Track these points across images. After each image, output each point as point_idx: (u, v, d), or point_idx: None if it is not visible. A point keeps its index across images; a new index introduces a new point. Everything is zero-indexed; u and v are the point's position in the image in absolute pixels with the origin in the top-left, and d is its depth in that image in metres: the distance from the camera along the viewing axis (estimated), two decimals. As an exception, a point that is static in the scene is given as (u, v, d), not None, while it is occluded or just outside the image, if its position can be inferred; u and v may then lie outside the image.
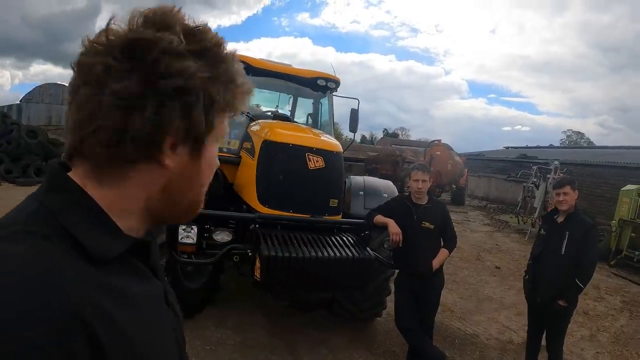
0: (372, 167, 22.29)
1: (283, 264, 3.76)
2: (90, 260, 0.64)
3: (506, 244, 12.77)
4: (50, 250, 0.61)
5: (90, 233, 0.66)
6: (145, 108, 0.67)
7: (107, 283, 0.64)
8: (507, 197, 24.01)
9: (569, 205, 4.12)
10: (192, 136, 0.73)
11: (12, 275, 0.56)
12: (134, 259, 0.74)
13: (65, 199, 0.68)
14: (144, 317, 0.70)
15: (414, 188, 4.26)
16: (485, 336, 5.75)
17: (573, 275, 4.01)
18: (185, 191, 0.78)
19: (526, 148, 32.18)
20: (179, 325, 0.86)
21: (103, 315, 0.60)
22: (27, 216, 0.65)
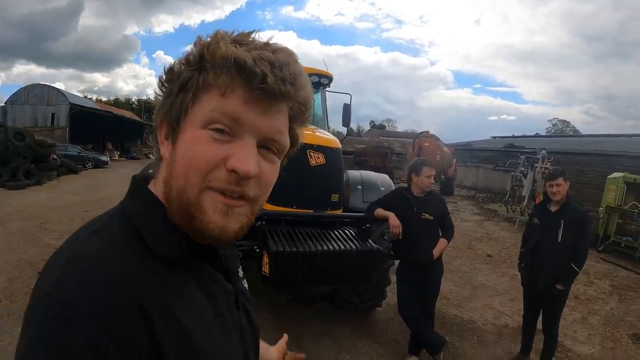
0: (361, 160, 22.35)
1: (291, 259, 3.83)
2: (155, 259, 0.71)
3: (496, 233, 13.03)
4: (120, 246, 0.70)
5: (155, 234, 0.74)
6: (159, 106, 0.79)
7: (168, 279, 0.71)
8: (495, 187, 24.35)
9: (562, 196, 4.29)
10: (169, 124, 0.77)
11: (83, 263, 0.66)
12: (204, 263, 0.81)
13: (139, 204, 0.79)
14: (201, 315, 0.74)
15: (426, 183, 4.38)
16: (482, 321, 5.94)
17: (569, 260, 4.19)
18: (169, 183, 0.76)
19: (513, 137, 32.59)
20: (250, 330, 0.89)
21: (160, 303, 0.67)
22: (109, 217, 0.76)
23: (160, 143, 0.79)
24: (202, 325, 0.73)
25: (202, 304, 0.76)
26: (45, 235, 8.78)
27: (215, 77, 0.71)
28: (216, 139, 0.71)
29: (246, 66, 0.69)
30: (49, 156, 19.05)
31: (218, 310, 0.79)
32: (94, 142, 35.50)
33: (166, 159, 0.77)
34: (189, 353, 0.69)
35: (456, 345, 5.11)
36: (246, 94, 0.71)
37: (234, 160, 0.71)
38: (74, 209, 11.91)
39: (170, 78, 0.76)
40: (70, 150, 26.08)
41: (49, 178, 17.96)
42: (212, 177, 0.71)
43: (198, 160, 0.71)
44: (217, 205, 0.72)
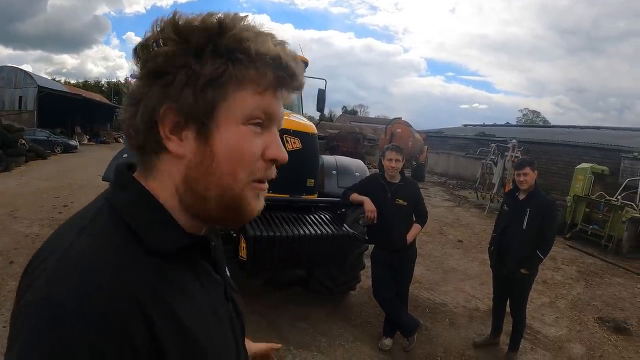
0: (334, 145, 22.38)
1: (268, 244, 3.86)
2: (149, 254, 0.68)
3: (467, 219, 13.29)
4: (112, 244, 0.67)
5: (148, 228, 0.70)
6: (140, 102, 0.71)
7: (164, 274, 0.69)
8: (465, 174, 24.78)
9: (529, 185, 4.41)
10: (192, 118, 0.70)
11: (75, 264, 0.63)
12: (194, 254, 0.78)
13: (128, 197, 0.74)
14: (200, 310, 0.73)
15: (387, 167, 4.45)
16: (453, 304, 6.10)
17: (534, 246, 4.34)
18: (203, 181, 0.72)
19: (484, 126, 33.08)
20: (238, 319, 0.89)
21: (158, 299, 0.65)
22: (95, 213, 0.72)
23: (165, 139, 0.71)
24: (199, 320, 0.72)
25: (198, 298, 0.74)
26: (15, 223, 8.51)
27: (259, 75, 0.71)
28: (256, 133, 0.73)
29: (286, 66, 0.72)
30: (17, 141, 18.51)
31: (212, 303, 0.79)
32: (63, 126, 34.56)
33: (186, 158, 0.72)
34: (190, 350, 0.68)
35: (429, 328, 5.23)
36: (279, 89, 0.74)
37: (274, 151, 0.75)
38: (43, 195, 11.62)
39: (179, 64, 0.69)
40: (38, 135, 25.31)
41: (17, 164, 17.44)
42: (256, 169, 0.74)
43: (247, 156, 0.72)
44: (257, 193, 0.76)
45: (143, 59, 0.72)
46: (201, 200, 0.73)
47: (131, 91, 0.73)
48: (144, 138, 0.72)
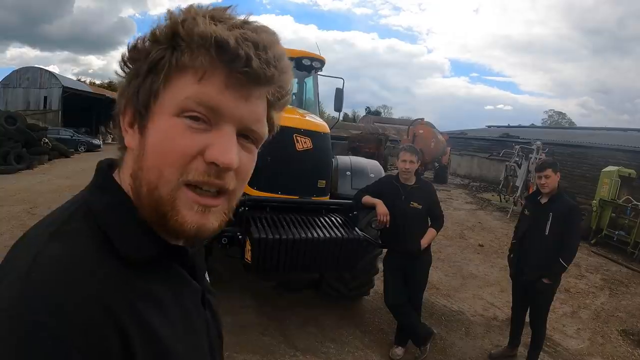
0: (356, 146, 22.39)
1: (274, 246, 3.77)
2: (123, 261, 0.64)
3: (489, 222, 12.96)
4: (84, 249, 0.62)
5: (123, 234, 0.66)
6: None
7: (137, 283, 0.65)
8: (489, 176, 24.26)
9: (551, 188, 4.17)
10: (136, 109, 0.68)
11: (47, 273, 0.58)
12: (171, 262, 0.74)
13: (105, 200, 0.69)
14: (173, 318, 0.69)
15: (401, 168, 4.29)
16: (471, 313, 5.87)
17: (557, 254, 4.09)
18: (140, 176, 0.68)
19: (508, 127, 32.46)
20: (215, 325, 0.85)
21: (131, 310, 0.61)
22: (70, 215, 0.67)
23: (123, 131, 0.70)
24: (173, 331, 0.67)
25: (173, 307, 0.70)
26: (33, 220, 8.59)
27: (192, 58, 0.63)
28: (192, 127, 0.64)
29: (229, 47, 0.62)
30: (40, 140, 18.85)
31: (187, 311, 0.74)
32: (87, 126, 35.25)
33: (133, 150, 0.69)
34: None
35: (443, 337, 5.03)
36: (226, 78, 0.64)
37: (214, 151, 0.64)
38: (63, 193, 11.76)
39: (135, 57, 0.67)
40: (62, 134, 25.83)
41: (40, 162, 17.82)
42: (189, 170, 0.65)
43: (173, 153, 0.64)
44: (192, 205, 0.66)
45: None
46: (138, 197, 0.69)
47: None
48: (117, 132, 0.72)
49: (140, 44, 0.67)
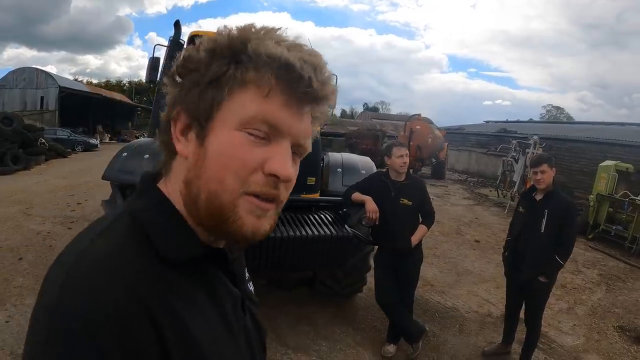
0: (353, 142, 22.42)
1: (261, 244, 3.71)
2: (162, 261, 0.68)
3: (486, 218, 12.91)
4: (125, 248, 0.67)
5: (164, 236, 0.70)
6: (164, 96, 0.75)
7: (175, 282, 0.68)
8: (487, 171, 24.27)
9: (547, 184, 4.10)
10: (196, 118, 0.70)
11: (87, 267, 0.63)
12: (210, 265, 0.76)
13: (147, 204, 0.74)
14: (209, 321, 0.72)
15: (399, 164, 4.21)
16: (465, 309, 5.83)
17: (553, 252, 4.03)
18: (196, 184, 0.70)
19: (506, 122, 32.43)
20: (257, 334, 0.87)
21: (167, 308, 0.64)
22: (114, 217, 0.73)
23: (175, 138, 0.73)
24: (209, 333, 0.71)
25: (210, 310, 0.73)
26: (28, 220, 8.64)
27: (258, 76, 0.68)
28: (254, 142, 0.68)
29: (294, 69, 0.67)
30: (37, 140, 18.82)
31: (225, 315, 0.77)
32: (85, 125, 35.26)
33: (187, 157, 0.72)
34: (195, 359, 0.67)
35: (437, 334, 5.00)
36: (288, 97, 0.69)
37: (275, 164, 0.69)
38: (59, 193, 11.76)
39: (191, 67, 0.71)
40: (59, 134, 25.77)
41: (37, 162, 17.78)
42: (250, 181, 0.69)
43: (237, 165, 0.68)
44: (253, 209, 0.70)
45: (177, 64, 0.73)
46: (194, 204, 0.71)
47: (165, 93, 0.75)
48: (165, 138, 0.75)
49: (195, 55, 0.71)
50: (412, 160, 20.70)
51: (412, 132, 21.21)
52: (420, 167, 21.96)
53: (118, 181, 4.35)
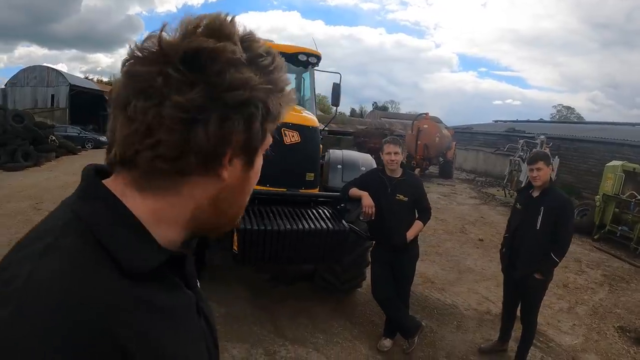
0: (361, 141, 22.38)
1: (259, 237, 3.85)
2: (124, 274, 0.62)
3: (491, 217, 12.88)
4: (84, 266, 0.60)
5: (125, 246, 0.64)
6: (209, 121, 0.65)
7: (141, 297, 0.63)
8: (494, 171, 24.11)
9: (543, 181, 4.12)
10: (249, 148, 0.72)
11: (41, 294, 0.55)
12: (167, 271, 0.71)
13: (100, 209, 0.67)
14: (176, 331, 0.69)
15: (386, 160, 4.29)
16: (464, 307, 5.86)
17: (549, 249, 4.05)
18: (233, 202, 0.78)
19: (515, 122, 32.19)
20: (211, 334, 0.85)
21: (136, 331, 0.60)
22: (61, 228, 0.64)
23: (224, 167, 0.71)
24: (176, 344, 0.67)
25: (175, 319, 0.69)
26: (38, 215, 8.74)
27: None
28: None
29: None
30: (47, 137, 19.02)
31: (187, 322, 0.74)
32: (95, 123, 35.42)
33: (229, 181, 0.73)
34: None
35: (434, 330, 5.04)
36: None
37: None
38: (69, 189, 11.48)
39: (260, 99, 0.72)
40: (69, 131, 25.87)
41: (47, 159, 17.91)
42: None
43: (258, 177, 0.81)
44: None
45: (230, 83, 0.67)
46: (219, 216, 0.77)
47: (192, 106, 0.65)
48: (193, 161, 0.67)
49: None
50: (420, 159, 20.70)
51: (420, 131, 21.12)
52: (427, 166, 21.88)
53: None
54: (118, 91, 0.67)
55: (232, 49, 0.67)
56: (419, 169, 20.33)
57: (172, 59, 0.64)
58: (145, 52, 0.66)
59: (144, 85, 0.64)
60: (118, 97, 0.67)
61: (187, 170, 0.68)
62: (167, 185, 0.69)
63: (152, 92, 0.63)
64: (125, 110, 0.64)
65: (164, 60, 0.64)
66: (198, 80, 0.64)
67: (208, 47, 0.65)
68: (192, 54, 0.64)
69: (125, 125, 0.65)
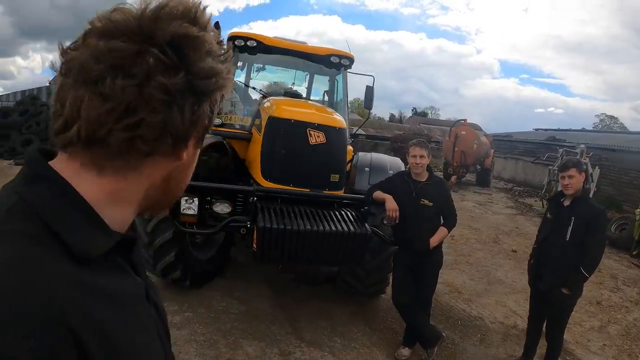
0: (398, 146, 22.25)
1: (278, 235, 3.84)
2: (73, 259, 0.60)
3: (527, 228, 12.47)
4: (32, 252, 0.57)
5: (74, 230, 0.62)
6: (184, 106, 0.67)
7: (92, 283, 0.61)
8: (533, 180, 23.40)
9: (575, 189, 3.94)
10: (205, 131, 0.76)
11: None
12: (116, 256, 0.70)
13: (47, 192, 0.64)
14: (128, 318, 0.67)
15: (411, 163, 4.21)
16: (490, 319, 5.67)
17: (578, 262, 3.86)
18: (181, 180, 0.80)
19: (556, 130, 31.27)
20: (162, 320, 0.83)
21: (90, 320, 0.58)
22: (7, 212, 0.61)
23: (186, 147, 0.73)
24: (128, 331, 0.65)
25: (125, 305, 0.67)
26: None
27: None
28: None
29: None
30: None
31: (137, 308, 0.72)
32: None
33: (184, 162, 0.75)
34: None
35: (456, 342, 4.89)
36: None
37: None
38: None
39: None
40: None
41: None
42: None
43: None
44: None
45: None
46: (167, 194, 0.79)
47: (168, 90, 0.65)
48: (169, 142, 0.69)
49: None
50: (456, 166, 20.35)
51: (457, 137, 20.70)
52: (464, 174, 21.48)
53: None
54: (84, 63, 0.62)
55: (210, 39, 0.69)
56: (455, 176, 20.01)
57: (157, 40, 0.63)
58: (119, 25, 0.63)
59: (122, 62, 0.62)
60: (82, 70, 0.62)
61: (155, 150, 0.68)
62: (131, 165, 0.69)
63: (133, 70, 0.62)
64: (96, 86, 0.61)
65: (147, 40, 0.63)
66: (180, 65, 0.65)
67: (193, 36, 0.66)
68: (179, 39, 0.65)
69: (95, 103, 0.61)
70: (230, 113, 6.05)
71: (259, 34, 6.01)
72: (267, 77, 7.42)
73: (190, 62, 0.66)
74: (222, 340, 4.28)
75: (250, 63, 6.92)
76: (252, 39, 5.88)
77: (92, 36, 0.64)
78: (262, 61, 6.83)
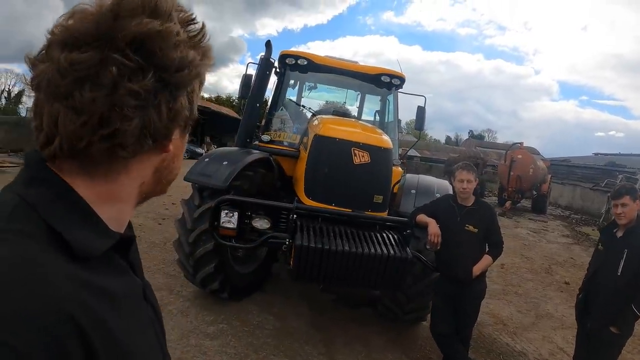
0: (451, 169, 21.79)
1: (315, 254, 3.81)
2: (74, 258, 0.61)
3: (582, 259, 11.84)
4: (35, 250, 0.58)
5: (75, 230, 0.63)
6: (160, 104, 0.66)
7: (93, 282, 0.61)
8: (592, 208, 22.32)
9: (629, 219, 3.65)
10: (189, 120, 0.76)
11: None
12: (115, 255, 0.72)
13: (48, 193, 0.65)
14: (128, 317, 0.67)
15: (458, 188, 4.08)
16: (534, 355, 5.37)
17: (630, 299, 3.57)
18: (172, 168, 0.80)
19: (617, 155, 29.92)
20: (158, 320, 0.84)
21: (94, 318, 0.58)
22: (9, 213, 0.61)
23: (170, 142, 0.75)
24: (128, 329, 0.66)
25: (125, 303, 0.68)
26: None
27: None
28: None
29: None
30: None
31: (135, 307, 0.73)
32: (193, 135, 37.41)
33: (172, 152, 0.77)
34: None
35: (495, 377, 4.66)
36: None
37: None
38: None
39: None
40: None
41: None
42: None
43: None
44: None
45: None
46: (160, 182, 0.79)
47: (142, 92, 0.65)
48: (150, 143, 0.69)
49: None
50: (511, 191, 19.76)
51: (513, 161, 20.14)
52: (519, 199, 20.83)
53: (197, 183, 4.69)
54: (51, 79, 0.62)
55: (177, 30, 0.67)
56: (510, 201, 19.43)
57: (119, 44, 0.61)
58: (77, 34, 0.62)
59: (87, 73, 0.61)
60: (51, 85, 0.62)
61: (139, 152, 0.69)
62: (119, 169, 0.70)
63: (99, 81, 0.61)
64: (67, 100, 0.61)
65: (108, 45, 0.61)
66: (148, 65, 0.63)
67: (156, 31, 0.64)
68: (142, 38, 0.63)
69: (69, 117, 0.62)
70: (279, 130, 6.12)
71: (310, 52, 6.10)
72: (323, 96, 7.49)
73: (157, 59, 0.64)
74: (252, 354, 4.26)
75: (302, 81, 6.99)
76: (302, 58, 5.95)
77: (54, 47, 0.63)
78: (313, 80, 6.90)
